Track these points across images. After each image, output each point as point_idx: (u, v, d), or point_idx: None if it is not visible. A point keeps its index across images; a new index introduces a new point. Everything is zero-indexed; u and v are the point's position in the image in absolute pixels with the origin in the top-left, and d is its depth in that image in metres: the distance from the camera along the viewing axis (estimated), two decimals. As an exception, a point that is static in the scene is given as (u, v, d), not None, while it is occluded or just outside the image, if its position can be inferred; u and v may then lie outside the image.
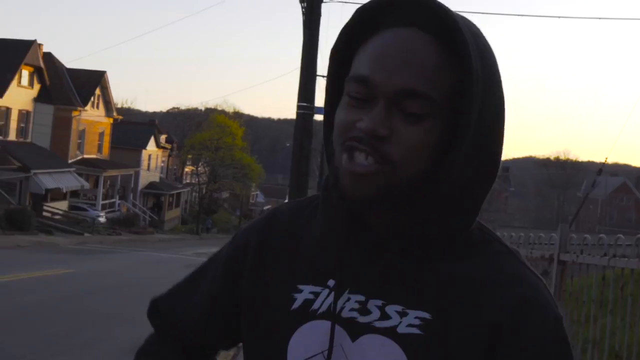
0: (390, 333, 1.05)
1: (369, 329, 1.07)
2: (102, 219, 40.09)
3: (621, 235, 4.51)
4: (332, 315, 1.09)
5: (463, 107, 1.01)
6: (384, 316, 1.06)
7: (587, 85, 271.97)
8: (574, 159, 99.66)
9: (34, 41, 37.67)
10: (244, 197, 69.60)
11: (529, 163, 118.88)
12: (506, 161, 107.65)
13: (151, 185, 53.58)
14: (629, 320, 4.14)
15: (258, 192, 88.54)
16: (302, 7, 12.66)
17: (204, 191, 59.54)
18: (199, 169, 62.21)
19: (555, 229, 6.12)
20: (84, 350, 8.19)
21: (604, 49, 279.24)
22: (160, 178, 58.09)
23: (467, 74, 1.00)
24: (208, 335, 1.33)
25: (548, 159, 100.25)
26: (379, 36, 1.04)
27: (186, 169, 69.85)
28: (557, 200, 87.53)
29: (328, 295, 1.11)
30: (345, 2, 13.65)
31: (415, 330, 1.04)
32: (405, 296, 1.07)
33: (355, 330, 1.07)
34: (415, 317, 1.05)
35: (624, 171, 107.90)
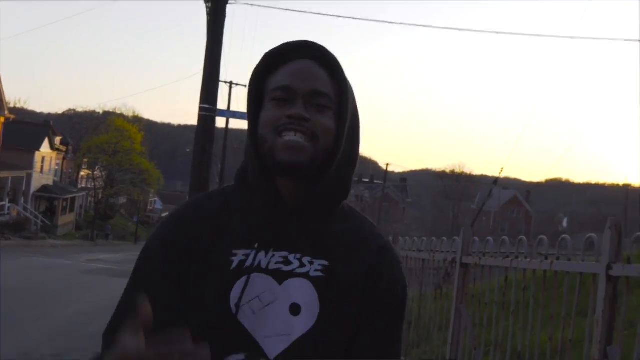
0: (306, 276, 1.52)
1: (292, 274, 1.52)
2: (-10, 223, 38.23)
3: (523, 237, 4.55)
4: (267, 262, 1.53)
5: (342, 108, 1.55)
6: (301, 265, 1.53)
7: (483, 103, 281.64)
8: (468, 172, 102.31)
9: None
10: (141, 203, 68.17)
11: (426, 175, 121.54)
12: (404, 173, 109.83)
13: (44, 188, 51.55)
14: (531, 322, 4.16)
15: (156, 199, 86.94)
16: (207, 8, 12.45)
17: (100, 196, 57.90)
18: (95, 173, 60.52)
19: (450, 239, 6.18)
20: (-36, 358, 7.67)
21: (497, 65, 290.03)
22: (54, 181, 55.97)
23: (343, 90, 1.56)
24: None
25: (444, 172, 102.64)
26: (289, 64, 1.54)
27: (82, 173, 67.58)
28: (452, 212, 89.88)
29: (256, 255, 1.52)
30: (252, 5, 13.50)
31: (320, 274, 1.53)
32: (312, 250, 1.55)
33: (281, 277, 1.51)
34: (319, 265, 1.54)
35: (515, 185, 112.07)
